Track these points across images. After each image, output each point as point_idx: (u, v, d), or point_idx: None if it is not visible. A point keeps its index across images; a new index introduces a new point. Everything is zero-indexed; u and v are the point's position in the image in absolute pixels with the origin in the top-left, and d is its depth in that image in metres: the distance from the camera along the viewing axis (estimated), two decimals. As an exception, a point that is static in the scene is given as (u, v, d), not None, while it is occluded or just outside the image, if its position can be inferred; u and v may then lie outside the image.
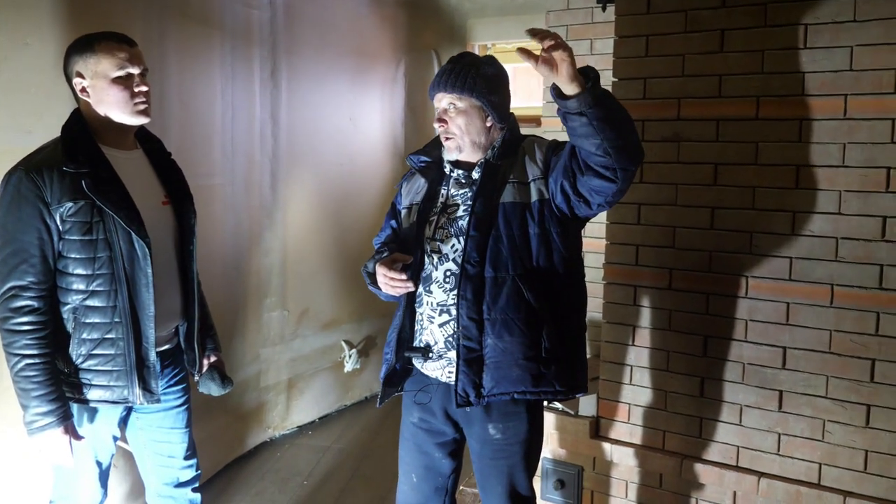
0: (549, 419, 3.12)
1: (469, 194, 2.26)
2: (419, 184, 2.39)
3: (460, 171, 2.30)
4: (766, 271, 2.64)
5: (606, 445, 3.01)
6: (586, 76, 1.92)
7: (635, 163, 2.03)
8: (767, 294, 2.65)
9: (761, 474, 2.70)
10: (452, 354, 2.23)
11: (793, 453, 2.65)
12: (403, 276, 2.17)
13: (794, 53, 2.54)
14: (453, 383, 2.21)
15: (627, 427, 2.99)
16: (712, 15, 2.67)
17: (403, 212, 2.41)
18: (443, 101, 2.26)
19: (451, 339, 2.23)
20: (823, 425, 2.59)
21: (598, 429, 3.07)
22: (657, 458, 2.90)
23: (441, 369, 2.28)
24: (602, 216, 3.85)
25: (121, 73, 2.21)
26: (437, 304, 2.25)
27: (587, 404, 3.10)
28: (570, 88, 1.90)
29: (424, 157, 2.40)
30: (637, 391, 2.95)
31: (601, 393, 3.04)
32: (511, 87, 2.35)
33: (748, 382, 2.71)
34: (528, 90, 5.53)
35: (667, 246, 2.82)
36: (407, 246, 2.34)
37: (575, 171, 2.07)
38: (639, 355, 2.93)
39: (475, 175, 2.28)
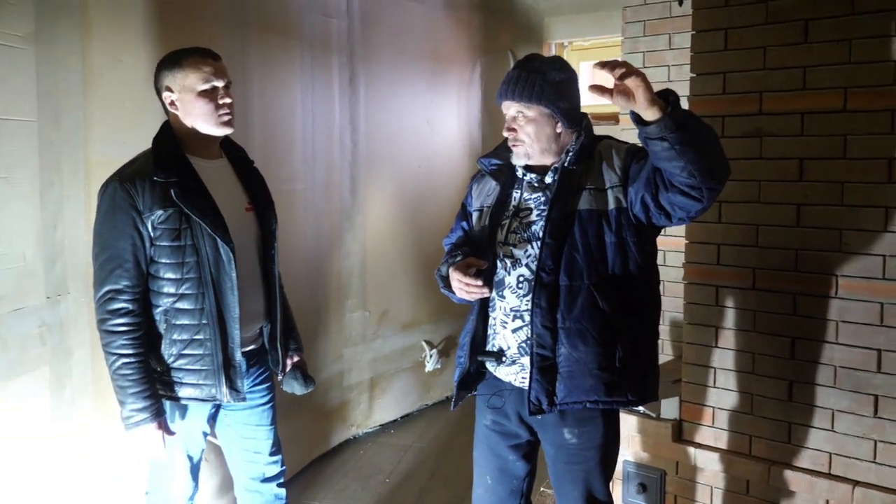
0: (631, 422, 3.08)
1: (542, 199, 2.23)
2: (490, 186, 2.37)
3: (533, 175, 2.27)
4: (858, 270, 2.55)
5: (690, 449, 2.95)
6: (665, 99, 1.86)
7: (722, 182, 1.98)
8: (859, 294, 2.55)
9: (856, 483, 2.60)
10: (526, 360, 2.21)
11: (890, 461, 2.55)
12: (479, 282, 2.15)
13: (884, 41, 2.44)
14: (526, 389, 2.20)
15: (712, 431, 2.92)
16: (795, 5, 2.59)
17: (474, 214, 2.40)
18: (511, 109, 2.23)
19: (524, 345, 2.22)
20: (924, 432, 2.48)
21: (680, 432, 3.01)
22: (743, 464, 2.82)
23: (514, 374, 2.27)
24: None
25: (206, 86, 2.30)
26: (511, 310, 2.23)
27: (669, 407, 3.04)
28: (649, 114, 1.85)
29: (495, 159, 2.37)
30: (721, 394, 2.88)
31: (684, 396, 2.98)
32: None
33: (840, 386, 2.61)
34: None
35: (750, 244, 2.75)
36: (478, 248, 2.33)
37: (658, 185, 2.02)
38: (722, 357, 2.86)
39: (548, 179, 2.24)
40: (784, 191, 2.66)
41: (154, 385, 2.27)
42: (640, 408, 3.08)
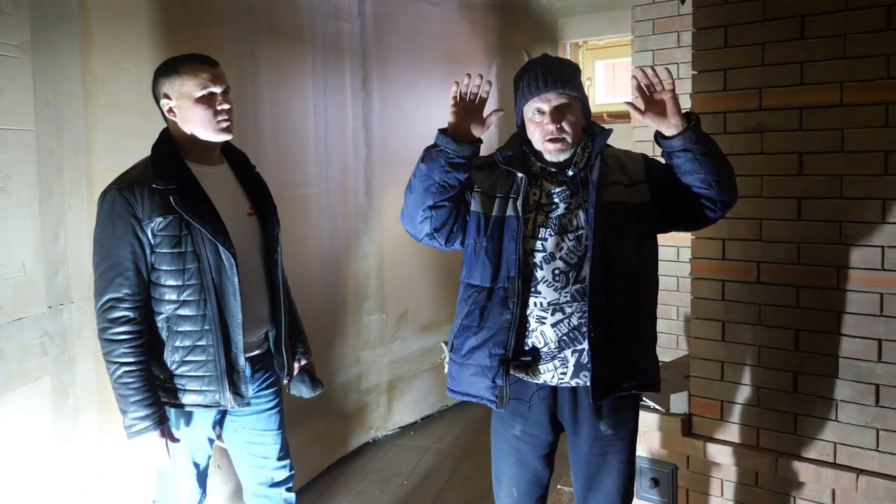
0: (642, 417, 3.05)
1: (567, 192, 2.24)
2: (501, 174, 2.30)
3: (554, 169, 2.27)
4: (858, 261, 2.55)
5: (699, 443, 2.96)
6: (688, 117, 2.12)
7: (734, 196, 2.23)
8: (860, 285, 2.56)
9: (860, 471, 2.60)
10: (567, 353, 2.20)
11: (893, 449, 2.55)
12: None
13: (878, 36, 2.45)
14: (564, 383, 2.23)
15: (720, 424, 2.93)
16: (791, 1, 2.60)
17: (478, 194, 2.29)
18: (553, 101, 2.21)
19: (566, 337, 2.20)
20: (925, 420, 2.48)
21: (690, 426, 3.02)
22: (752, 456, 2.83)
23: (552, 371, 2.23)
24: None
25: (203, 92, 2.31)
26: (549, 304, 2.20)
27: (678, 402, 3.06)
28: (674, 128, 2.11)
29: (508, 151, 2.33)
30: (729, 388, 2.89)
31: (692, 390, 3.00)
32: (604, 84, 2.38)
33: (843, 377, 2.62)
34: (622, 86, 5.48)
35: (753, 239, 2.76)
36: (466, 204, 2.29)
37: (678, 195, 2.21)
38: (730, 351, 2.87)
39: (570, 172, 2.26)
40: (785, 185, 2.67)
41: (156, 393, 2.27)
42: (651, 403, 3.11)
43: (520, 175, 2.25)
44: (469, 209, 2.30)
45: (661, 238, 4.07)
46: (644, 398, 3.14)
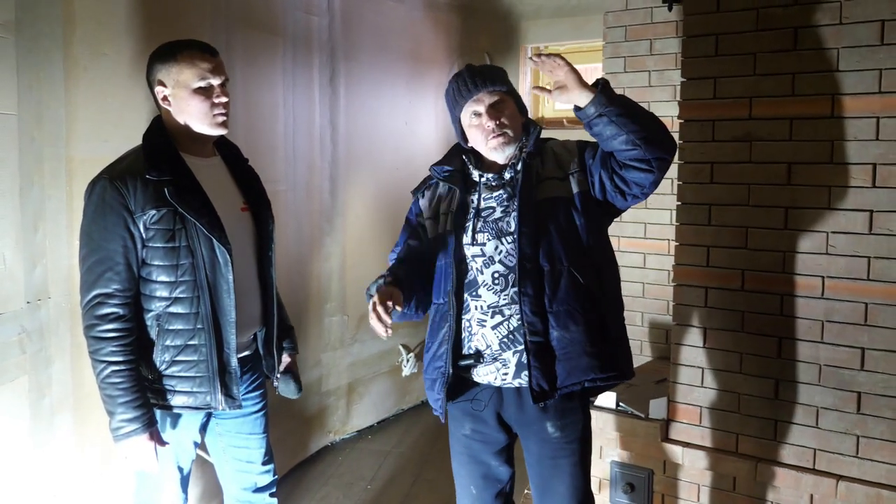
0: (619, 422, 3.10)
1: (504, 195, 2.26)
2: (443, 192, 2.37)
3: (491, 175, 2.29)
4: (844, 271, 2.60)
5: (677, 448, 2.98)
6: (595, 84, 2.07)
7: (667, 151, 2.11)
8: (845, 294, 2.60)
9: (840, 477, 2.65)
10: (508, 355, 2.22)
11: (872, 456, 2.60)
12: (388, 321, 2.05)
13: (871, 50, 2.49)
14: (508, 384, 2.23)
15: (699, 430, 2.95)
16: (784, 13, 2.64)
17: (428, 223, 2.37)
18: (486, 100, 2.24)
19: (506, 339, 2.22)
20: (905, 427, 2.53)
21: (668, 432, 3.03)
22: (730, 462, 2.86)
23: (495, 372, 2.25)
24: (670, 217, 3.85)
25: (202, 83, 2.21)
26: (489, 307, 2.23)
27: (657, 407, 3.07)
28: (583, 98, 2.05)
29: (447, 166, 2.36)
30: (709, 394, 2.92)
31: (671, 396, 3.01)
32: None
33: (825, 384, 2.66)
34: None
35: (739, 247, 2.78)
36: (423, 261, 2.34)
37: (612, 166, 2.15)
38: (710, 357, 2.90)
39: (507, 176, 2.27)
40: (773, 194, 2.71)
41: (145, 394, 2.16)
42: (629, 408, 3.11)
43: (453, 188, 2.33)
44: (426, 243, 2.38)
45: (628, 244, 4.10)
46: (622, 404, 3.15)
